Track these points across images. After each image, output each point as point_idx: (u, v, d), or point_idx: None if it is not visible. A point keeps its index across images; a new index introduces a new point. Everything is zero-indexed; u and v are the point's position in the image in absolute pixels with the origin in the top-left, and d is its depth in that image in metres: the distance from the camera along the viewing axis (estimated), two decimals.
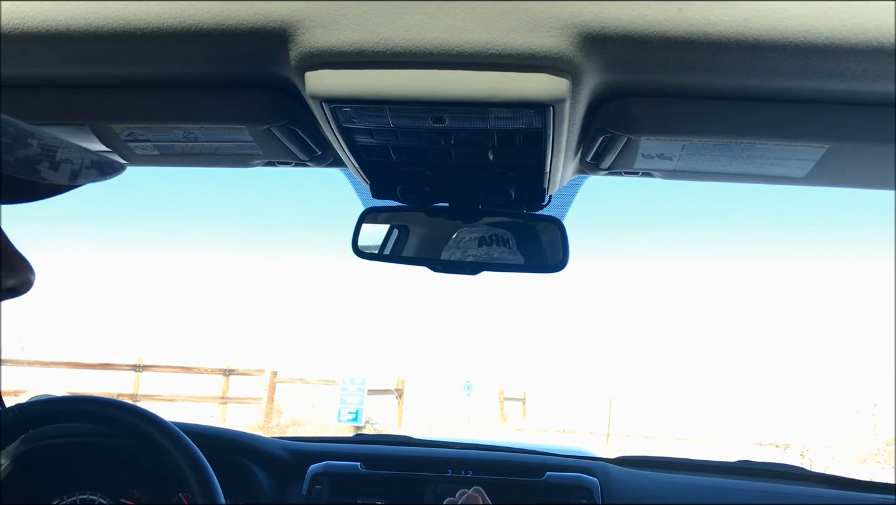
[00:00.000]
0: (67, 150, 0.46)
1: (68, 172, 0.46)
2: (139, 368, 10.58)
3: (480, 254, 1.01)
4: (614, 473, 1.42)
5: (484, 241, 1.01)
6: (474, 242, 1.01)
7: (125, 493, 1.32)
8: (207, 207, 27.70)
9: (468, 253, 1.01)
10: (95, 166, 0.48)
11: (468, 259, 1.01)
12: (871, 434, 10.09)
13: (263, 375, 10.89)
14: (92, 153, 0.49)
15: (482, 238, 1.01)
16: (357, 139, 0.83)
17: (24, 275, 0.52)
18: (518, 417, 13.58)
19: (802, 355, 18.36)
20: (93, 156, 0.48)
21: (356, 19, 0.63)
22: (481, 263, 1.00)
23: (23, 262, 0.52)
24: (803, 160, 0.81)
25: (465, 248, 1.01)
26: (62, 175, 0.46)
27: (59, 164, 0.45)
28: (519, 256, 1.02)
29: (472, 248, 1.01)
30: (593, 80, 0.70)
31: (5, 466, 1.21)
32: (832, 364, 16.57)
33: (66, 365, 10.00)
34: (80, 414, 1.12)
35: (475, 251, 1.00)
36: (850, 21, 0.59)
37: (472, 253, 1.01)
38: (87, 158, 0.48)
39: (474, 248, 1.00)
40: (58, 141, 0.47)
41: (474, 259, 1.01)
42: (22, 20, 0.66)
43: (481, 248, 1.00)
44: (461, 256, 1.02)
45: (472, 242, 1.01)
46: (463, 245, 1.01)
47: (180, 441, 1.05)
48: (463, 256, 1.01)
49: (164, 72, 0.76)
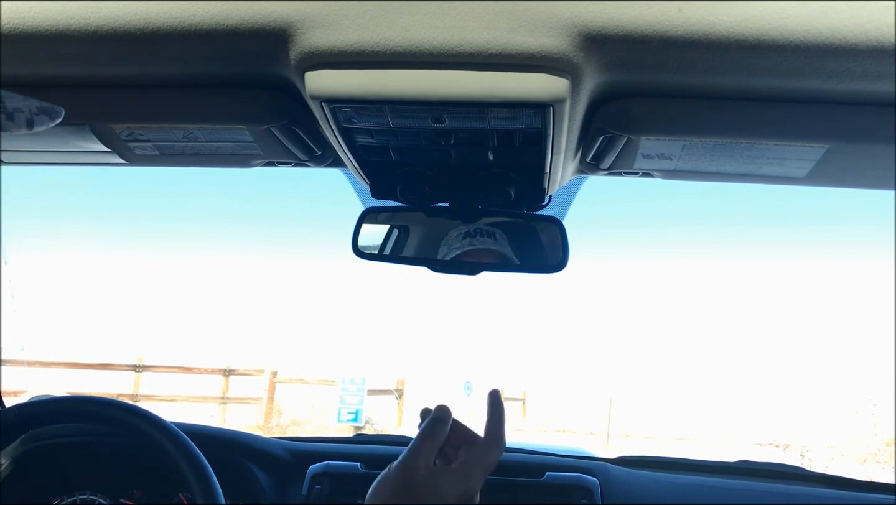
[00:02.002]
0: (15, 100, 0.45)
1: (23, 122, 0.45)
2: (139, 368, 10.58)
3: (479, 252, 1.01)
4: (614, 473, 1.42)
5: (479, 232, 1.01)
6: (473, 240, 1.01)
7: (125, 493, 1.32)
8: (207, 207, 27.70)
9: (467, 252, 1.01)
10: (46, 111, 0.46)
11: (468, 259, 1.01)
12: (871, 434, 10.09)
13: (263, 375, 10.89)
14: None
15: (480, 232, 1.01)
16: (357, 139, 0.83)
17: None
18: (518, 417, 13.58)
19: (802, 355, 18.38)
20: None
21: (356, 19, 0.63)
22: (481, 263, 1.00)
23: None
24: (803, 160, 0.81)
25: (464, 246, 1.01)
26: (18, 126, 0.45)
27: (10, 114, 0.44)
28: (519, 256, 1.02)
29: (471, 247, 1.01)
30: (593, 80, 0.70)
31: (5, 466, 1.21)
32: (832, 364, 16.57)
33: (66, 365, 10.00)
34: (80, 414, 1.12)
35: (474, 246, 1.00)
36: (850, 21, 0.59)
37: (472, 252, 1.01)
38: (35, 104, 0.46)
39: (473, 246, 1.00)
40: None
41: (474, 259, 1.01)
42: (22, 20, 0.66)
43: (478, 242, 1.00)
44: (461, 255, 1.02)
45: (470, 240, 1.01)
46: (461, 244, 1.01)
47: (180, 441, 1.05)
48: (463, 256, 1.01)
49: (164, 72, 0.76)
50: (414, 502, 0.69)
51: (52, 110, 0.56)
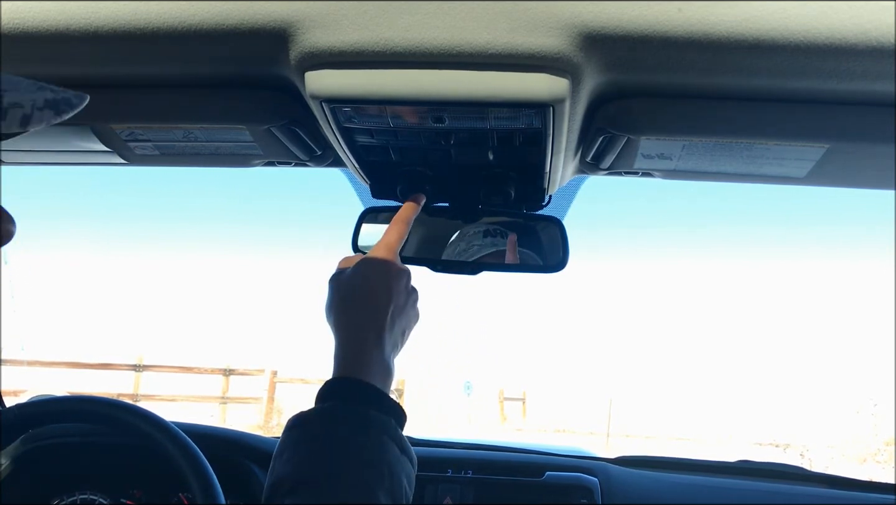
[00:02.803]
0: (16, 94, 0.43)
1: (19, 118, 0.42)
2: (139, 368, 10.58)
3: (480, 252, 1.01)
4: (614, 473, 1.42)
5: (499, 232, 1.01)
6: (495, 240, 1.01)
7: (125, 493, 1.32)
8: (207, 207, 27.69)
9: (468, 253, 1.01)
10: (50, 106, 0.45)
11: (468, 259, 1.01)
12: (871, 434, 10.09)
13: (263, 375, 10.90)
14: (46, 90, 0.45)
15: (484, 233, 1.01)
16: (357, 139, 0.83)
17: (3, 225, 0.49)
18: (518, 417, 13.59)
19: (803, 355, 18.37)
20: (46, 94, 0.45)
21: (356, 19, 0.63)
22: (481, 263, 1.00)
23: (2, 213, 0.49)
24: (803, 160, 0.81)
25: (486, 247, 1.01)
26: (12, 123, 0.42)
27: (6, 110, 0.42)
28: (519, 255, 1.02)
29: (494, 248, 1.01)
30: (593, 80, 0.70)
31: (5, 466, 1.21)
32: (832, 364, 16.57)
33: (66, 365, 10.00)
34: (80, 414, 1.12)
35: (498, 248, 1.00)
36: (850, 21, 0.59)
37: (472, 252, 1.01)
38: (40, 98, 0.44)
39: (497, 248, 1.00)
40: (4, 83, 0.43)
41: (474, 259, 1.01)
42: (22, 20, 0.66)
43: (501, 243, 1.00)
44: (461, 255, 1.02)
45: (492, 240, 1.01)
46: (481, 242, 1.01)
47: (180, 441, 1.05)
48: (463, 256, 1.01)
49: (164, 72, 0.76)
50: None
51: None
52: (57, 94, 0.46)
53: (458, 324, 16.28)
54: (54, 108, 0.45)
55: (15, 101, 0.42)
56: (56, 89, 0.47)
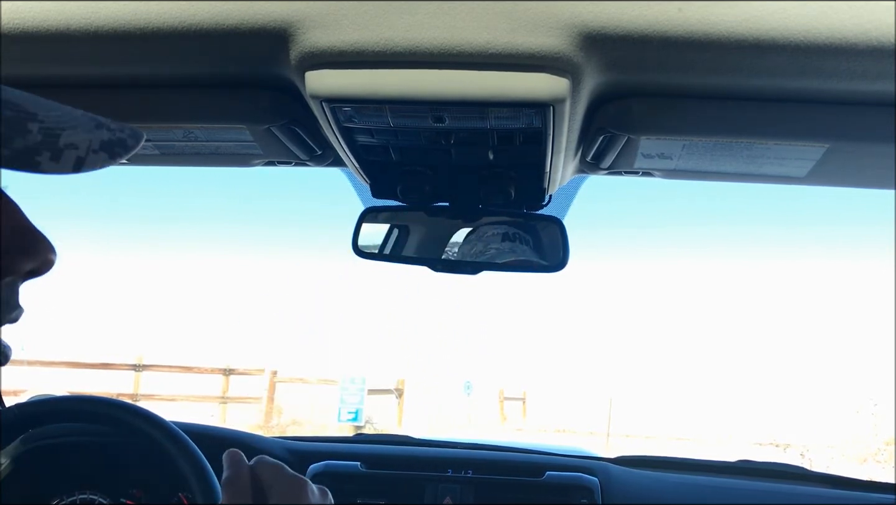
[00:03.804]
0: (73, 134, 0.42)
1: (73, 161, 0.42)
2: (139, 368, 10.58)
3: (480, 253, 1.01)
4: (614, 473, 1.42)
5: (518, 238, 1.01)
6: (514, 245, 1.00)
7: (125, 493, 1.32)
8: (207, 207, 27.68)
9: (468, 252, 1.01)
10: (105, 149, 0.44)
11: (468, 259, 1.01)
12: (871, 434, 10.09)
13: (263, 375, 10.89)
14: (103, 128, 0.45)
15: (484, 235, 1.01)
16: (357, 139, 0.83)
17: (44, 255, 0.48)
18: (518, 417, 13.59)
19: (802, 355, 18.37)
20: (102, 135, 0.44)
21: (356, 19, 0.63)
22: (481, 262, 1.00)
23: (43, 241, 0.48)
24: (803, 160, 0.81)
25: (504, 252, 1.00)
26: (65, 165, 0.41)
27: (62, 151, 0.41)
28: (519, 255, 1.02)
29: (473, 248, 1.01)
30: (593, 80, 0.70)
31: (5, 466, 1.21)
32: (832, 364, 16.57)
33: (66, 365, 10.00)
34: (80, 414, 1.12)
35: (517, 256, 1.00)
36: (850, 21, 0.59)
37: (472, 252, 1.01)
38: (96, 140, 0.43)
39: (516, 256, 1.00)
40: (63, 119, 0.43)
41: (474, 259, 1.01)
42: (22, 20, 0.66)
43: (482, 246, 1.00)
44: (461, 255, 1.02)
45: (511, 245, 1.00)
46: (500, 246, 1.01)
47: (180, 441, 1.05)
48: (463, 256, 1.01)
49: (164, 72, 0.76)
50: None
51: None
52: (113, 135, 0.45)
53: (458, 324, 16.28)
54: (109, 150, 0.44)
55: (71, 142, 0.41)
56: (113, 127, 0.46)
